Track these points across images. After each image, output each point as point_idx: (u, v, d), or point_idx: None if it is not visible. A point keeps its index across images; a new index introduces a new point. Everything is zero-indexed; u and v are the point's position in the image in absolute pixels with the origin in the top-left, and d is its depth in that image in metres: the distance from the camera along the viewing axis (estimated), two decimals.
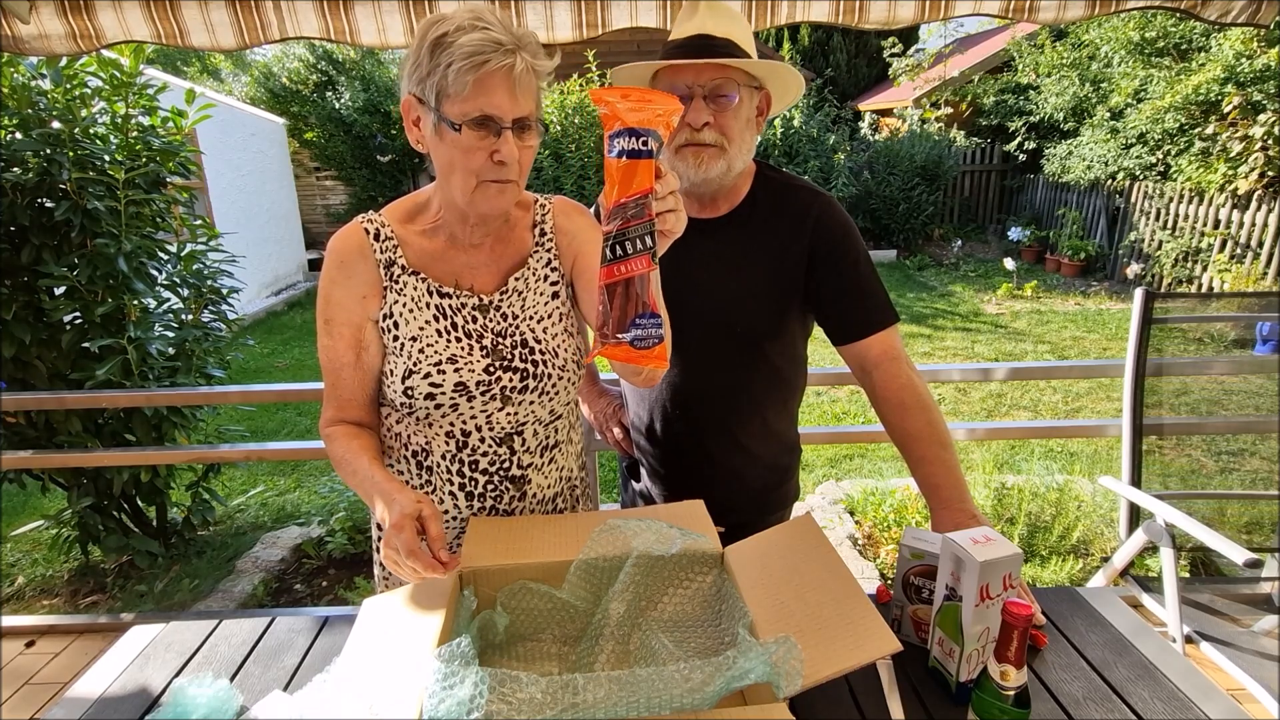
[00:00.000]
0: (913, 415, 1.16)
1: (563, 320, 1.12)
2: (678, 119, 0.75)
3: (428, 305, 1.06)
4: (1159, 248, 7.19)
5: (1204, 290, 6.66)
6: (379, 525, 1.14)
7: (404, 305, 1.05)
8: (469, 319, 1.07)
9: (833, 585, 0.88)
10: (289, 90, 11.07)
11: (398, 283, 1.05)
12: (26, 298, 2.46)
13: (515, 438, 1.10)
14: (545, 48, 0.96)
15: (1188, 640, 1.68)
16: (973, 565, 0.87)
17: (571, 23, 1.72)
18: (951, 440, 1.16)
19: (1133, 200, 7.72)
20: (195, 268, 2.83)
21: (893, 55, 9.82)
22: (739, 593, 0.91)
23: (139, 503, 2.91)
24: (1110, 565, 1.95)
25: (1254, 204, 6.26)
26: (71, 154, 2.43)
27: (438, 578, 0.86)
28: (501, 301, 1.08)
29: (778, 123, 8.96)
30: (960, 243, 9.50)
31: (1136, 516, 1.94)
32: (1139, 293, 1.95)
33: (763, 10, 1.71)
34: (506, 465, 1.11)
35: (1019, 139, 9.26)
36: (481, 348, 1.06)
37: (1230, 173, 6.45)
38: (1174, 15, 6.64)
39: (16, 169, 2.37)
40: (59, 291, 2.49)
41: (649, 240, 0.73)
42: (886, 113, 11.03)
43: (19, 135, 2.36)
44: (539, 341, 1.08)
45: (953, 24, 11.01)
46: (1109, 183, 8.08)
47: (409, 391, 1.04)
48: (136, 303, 2.63)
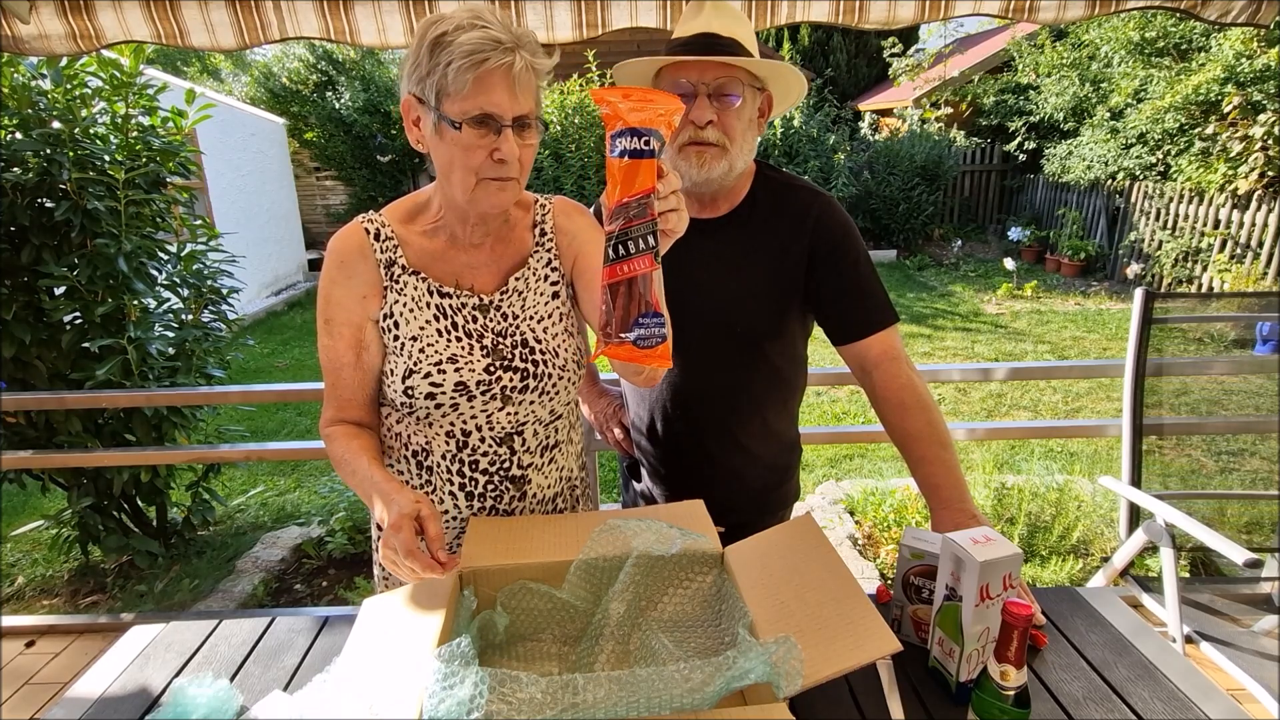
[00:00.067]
0: (913, 415, 1.16)
1: (563, 320, 1.12)
2: (679, 118, 0.75)
3: (428, 305, 1.06)
4: (1159, 248, 7.19)
5: (1204, 290, 6.66)
6: (379, 525, 1.14)
7: (404, 305, 1.05)
8: (469, 319, 1.07)
9: (833, 585, 0.88)
10: (289, 90, 11.08)
11: (398, 282, 1.05)
12: (26, 298, 2.46)
13: (515, 438, 1.10)
14: (545, 47, 0.96)
15: (1188, 640, 1.68)
16: (973, 565, 0.88)
17: (571, 23, 1.72)
18: (951, 440, 1.16)
19: (1133, 200, 7.72)
20: (195, 268, 2.83)
21: (893, 55, 9.81)
22: (739, 593, 0.91)
23: (139, 503, 2.91)
24: (1110, 565, 1.96)
25: (1254, 204, 6.26)
26: (71, 154, 2.43)
27: (436, 578, 0.87)
28: (502, 301, 1.08)
29: (778, 123, 8.95)
30: (960, 243, 9.50)
31: (1136, 516, 1.94)
32: (1139, 293, 1.95)
33: (763, 10, 1.71)
34: (506, 465, 1.11)
35: (1019, 139, 9.26)
36: (482, 347, 1.06)
37: (1230, 173, 6.45)
38: (1174, 15, 6.64)
39: (16, 169, 2.37)
40: (59, 291, 2.49)
41: (651, 240, 0.73)
42: (886, 113, 11.03)
43: (19, 135, 2.36)
44: (539, 341, 1.08)
45: (953, 24, 11.00)
46: (1109, 183, 8.08)
47: (409, 391, 1.04)
48: (136, 303, 2.63)
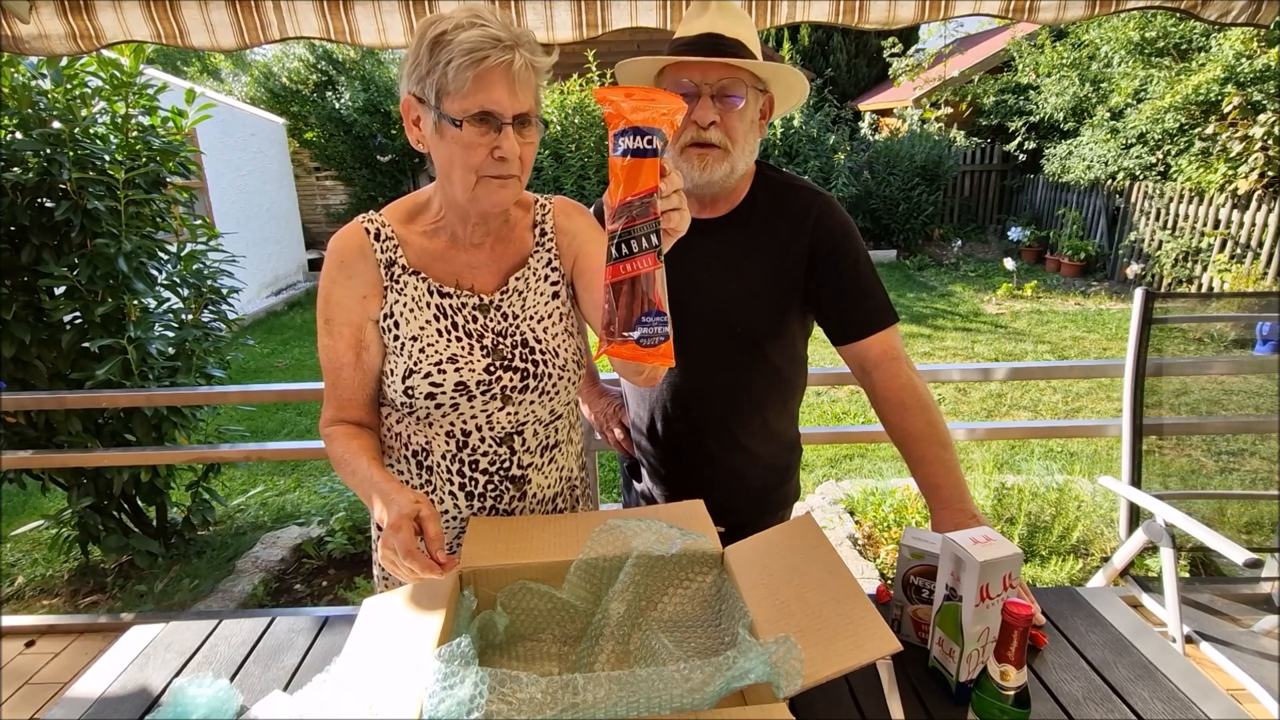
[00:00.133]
0: (913, 415, 1.16)
1: (563, 320, 1.12)
2: (682, 117, 0.75)
3: (428, 305, 1.06)
4: (1159, 248, 7.19)
5: (1204, 290, 6.66)
6: (379, 525, 1.14)
7: (404, 305, 1.05)
8: (469, 319, 1.07)
9: (833, 585, 0.88)
10: (289, 90, 11.08)
11: (398, 282, 1.05)
12: (26, 298, 2.46)
13: (515, 437, 1.10)
14: (544, 46, 0.96)
15: (1188, 640, 1.68)
16: (973, 565, 0.88)
17: (571, 23, 1.72)
18: (951, 440, 1.16)
19: (1133, 200, 7.72)
20: (195, 268, 2.83)
21: (893, 55, 9.80)
22: (739, 593, 0.91)
23: (139, 503, 2.91)
24: (1110, 565, 1.95)
25: (1254, 204, 6.26)
26: (71, 154, 2.43)
27: (435, 578, 0.87)
28: (502, 301, 1.08)
29: (778, 123, 8.95)
30: (960, 243, 9.50)
31: (1136, 516, 1.94)
32: (1139, 293, 1.95)
33: (763, 10, 1.71)
34: (506, 465, 1.11)
35: (1019, 139, 9.26)
36: (482, 347, 1.06)
37: (1230, 173, 6.45)
38: (1174, 15, 6.64)
39: (16, 169, 2.37)
40: (59, 291, 2.49)
41: (654, 238, 0.73)
42: (886, 113, 11.02)
43: (19, 135, 2.36)
44: (539, 341, 1.08)
45: (953, 24, 11.00)
46: (1109, 183, 8.08)
47: (409, 391, 1.04)
48: (136, 303, 2.63)
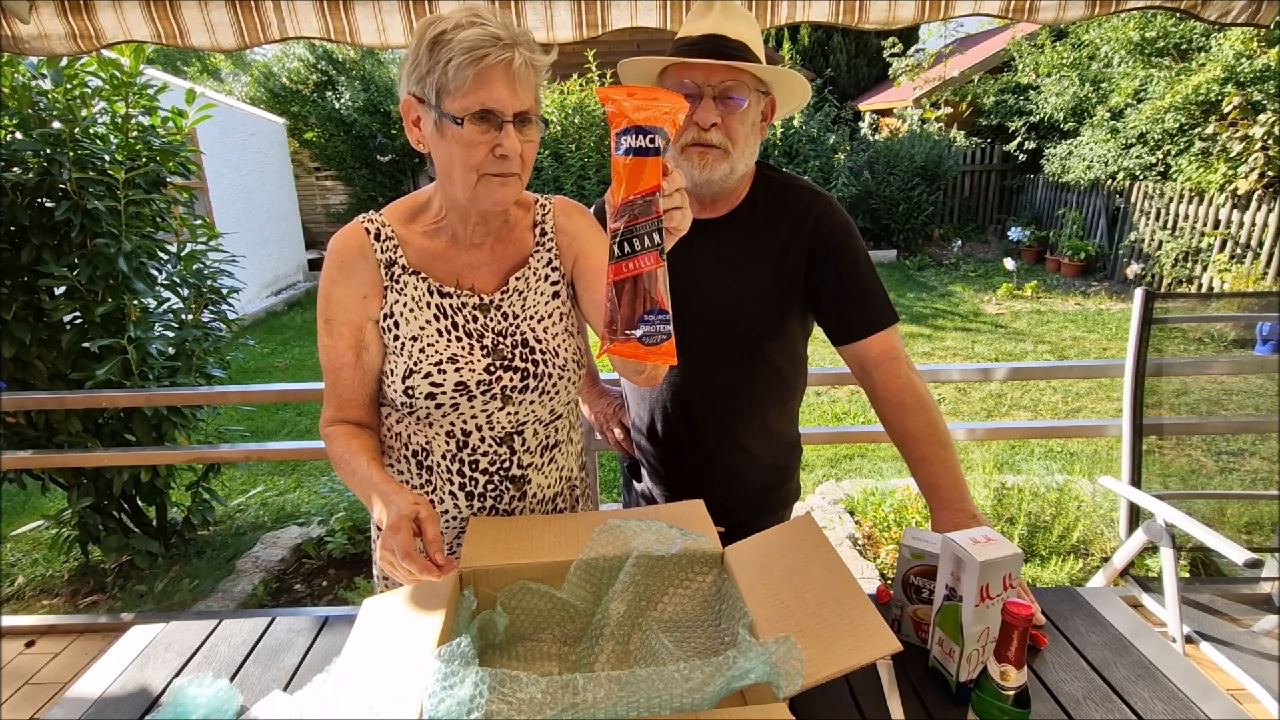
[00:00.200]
0: (913, 415, 1.16)
1: (563, 320, 1.12)
2: (683, 117, 0.75)
3: (428, 305, 1.06)
4: (1159, 248, 7.19)
5: (1204, 290, 6.66)
6: (378, 526, 1.14)
7: (404, 305, 1.05)
8: (469, 318, 1.07)
9: (833, 585, 0.88)
10: (289, 90, 11.07)
11: (398, 282, 1.05)
12: (26, 298, 2.46)
13: (515, 437, 1.10)
14: (542, 46, 0.97)
15: (1188, 640, 1.68)
16: (973, 565, 0.88)
17: (571, 23, 1.72)
18: (951, 440, 1.16)
19: (1133, 200, 7.72)
20: (195, 268, 2.83)
21: (893, 55, 9.80)
22: (739, 593, 0.91)
23: (139, 503, 2.91)
24: (1110, 565, 1.95)
25: (1254, 204, 6.26)
26: (71, 154, 2.43)
27: (432, 580, 0.86)
28: (502, 301, 1.08)
29: (778, 123, 8.93)
30: (960, 243, 9.50)
31: (1136, 516, 1.94)
32: (1139, 293, 1.95)
33: (763, 10, 1.71)
34: (507, 465, 1.11)
35: (1019, 139, 9.26)
36: (482, 347, 1.06)
37: (1230, 173, 6.45)
38: (1174, 15, 6.64)
39: (16, 169, 2.37)
40: (59, 291, 2.49)
41: (656, 237, 0.73)
42: (886, 113, 11.02)
43: (19, 135, 2.36)
44: (539, 341, 1.08)
45: (953, 24, 11.00)
46: (1109, 183, 8.08)
47: (409, 391, 1.04)
48: (136, 303, 2.63)
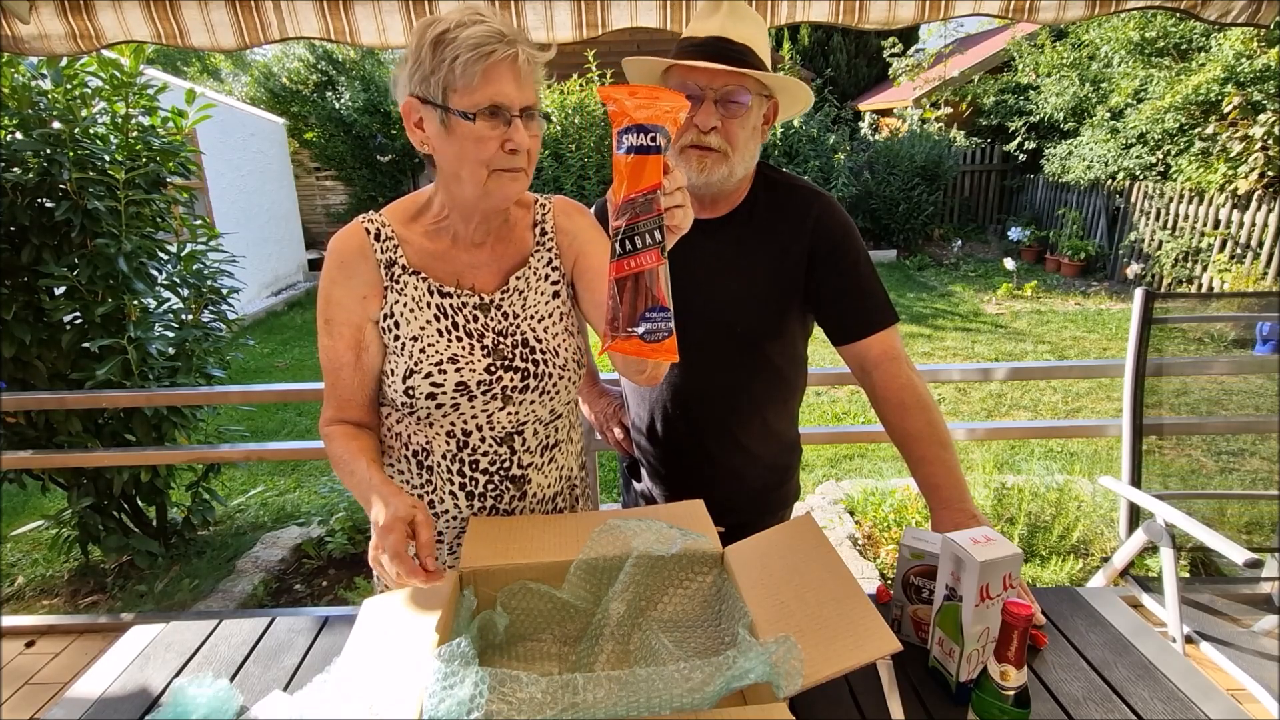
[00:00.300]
0: (913, 415, 1.16)
1: (563, 320, 1.12)
2: (684, 116, 0.75)
3: (428, 305, 1.06)
4: (1159, 248, 7.19)
5: (1204, 290, 6.66)
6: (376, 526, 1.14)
7: (405, 305, 1.05)
8: (470, 318, 1.07)
9: (833, 585, 0.88)
10: (289, 90, 11.07)
11: (398, 283, 1.05)
12: (26, 298, 2.46)
13: (515, 437, 1.10)
14: (540, 45, 0.97)
15: (1188, 640, 1.68)
16: (973, 565, 0.88)
17: (571, 23, 1.72)
18: (951, 440, 1.16)
19: (1133, 200, 7.72)
20: (195, 268, 2.84)
21: (893, 55, 9.80)
22: (739, 593, 0.91)
23: (139, 503, 2.91)
24: (1110, 565, 1.95)
25: (1254, 204, 6.26)
26: (71, 154, 2.43)
27: (419, 585, 0.86)
28: (502, 301, 1.08)
29: (778, 123, 8.95)
30: (960, 243, 9.50)
31: (1136, 516, 1.94)
32: (1139, 293, 1.95)
33: (763, 10, 1.72)
34: (507, 465, 1.11)
35: (1019, 139, 9.26)
36: (482, 347, 1.06)
37: (1230, 173, 6.45)
38: (1174, 15, 6.64)
39: (16, 169, 2.37)
40: (59, 291, 2.49)
41: (658, 235, 0.73)
42: (886, 113, 11.02)
43: (19, 135, 2.36)
44: (540, 341, 1.08)
45: (953, 24, 11.00)
46: (1109, 183, 8.08)
47: (410, 391, 1.04)
48: (136, 303, 2.63)
